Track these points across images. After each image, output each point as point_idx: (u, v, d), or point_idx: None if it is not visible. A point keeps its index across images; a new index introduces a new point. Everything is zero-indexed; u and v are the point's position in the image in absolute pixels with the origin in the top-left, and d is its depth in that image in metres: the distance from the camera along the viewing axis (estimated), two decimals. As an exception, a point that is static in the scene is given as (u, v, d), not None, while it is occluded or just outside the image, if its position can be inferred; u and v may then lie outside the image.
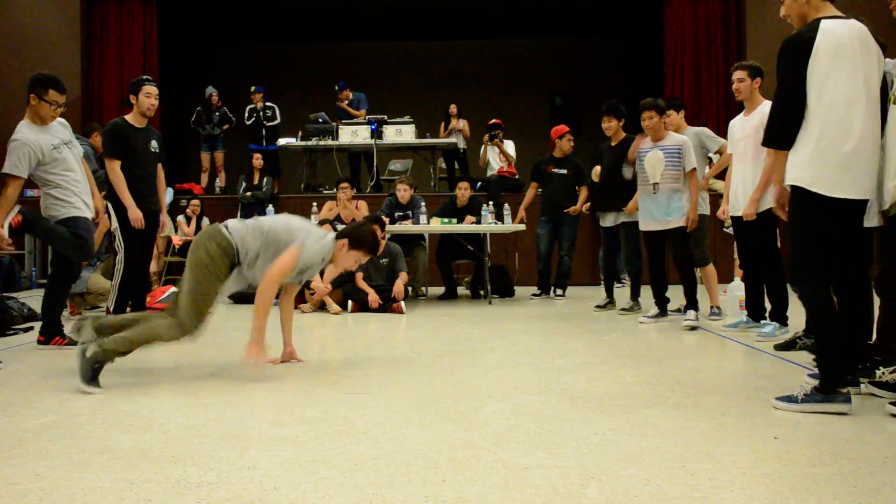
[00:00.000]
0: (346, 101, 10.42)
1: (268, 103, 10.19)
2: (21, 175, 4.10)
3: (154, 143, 4.97)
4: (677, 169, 5.18)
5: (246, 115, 10.22)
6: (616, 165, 6.09)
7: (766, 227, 4.51)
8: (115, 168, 4.74)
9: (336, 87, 10.48)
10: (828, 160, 2.69)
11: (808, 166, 2.72)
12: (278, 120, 10.22)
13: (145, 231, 4.91)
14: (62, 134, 4.35)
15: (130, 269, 4.85)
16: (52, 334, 4.32)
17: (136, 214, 4.73)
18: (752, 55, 9.38)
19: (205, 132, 10.34)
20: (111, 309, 4.85)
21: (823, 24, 2.73)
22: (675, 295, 5.55)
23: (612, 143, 6.25)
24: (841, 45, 2.69)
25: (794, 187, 2.78)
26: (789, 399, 2.73)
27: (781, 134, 2.81)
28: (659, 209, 5.21)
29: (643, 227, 5.38)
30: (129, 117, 4.92)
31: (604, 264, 6.65)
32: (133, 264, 4.86)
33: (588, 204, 7.21)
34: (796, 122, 2.76)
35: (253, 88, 10.19)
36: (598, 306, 6.35)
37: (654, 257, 5.37)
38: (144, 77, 5.06)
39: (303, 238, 3.47)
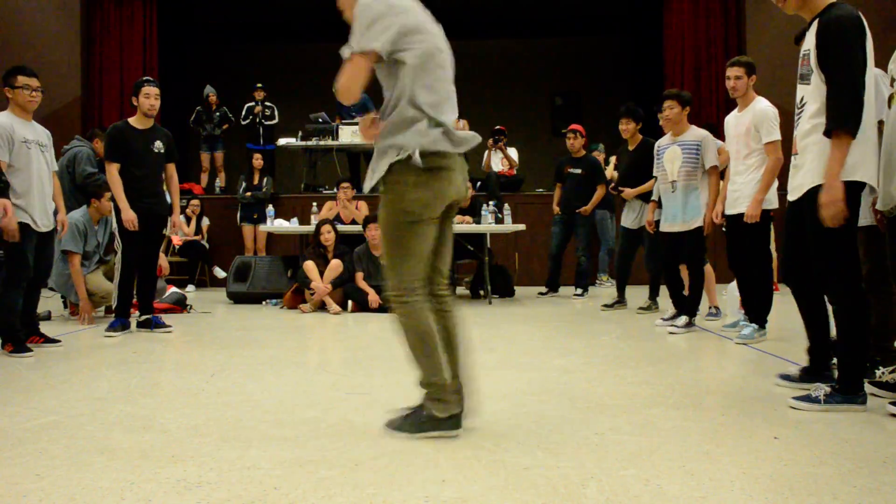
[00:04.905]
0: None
1: (267, 103, 10.20)
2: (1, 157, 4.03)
3: (159, 144, 5.01)
4: (695, 166, 4.89)
5: (243, 113, 10.21)
6: (633, 170, 6.05)
7: (762, 229, 4.39)
8: (111, 171, 4.86)
9: None
10: (870, 146, 2.63)
11: (865, 157, 2.61)
12: (276, 120, 10.23)
13: (149, 231, 4.95)
14: (41, 137, 4.32)
15: (130, 269, 4.93)
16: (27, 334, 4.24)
17: (129, 216, 4.79)
18: (752, 55, 9.35)
19: (205, 132, 10.33)
20: (115, 307, 4.97)
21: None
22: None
23: (630, 147, 6.20)
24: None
25: (850, 182, 2.60)
26: (809, 399, 2.69)
27: (860, 118, 2.55)
28: (679, 209, 4.90)
29: (664, 227, 5.03)
30: (132, 119, 5.02)
31: (619, 265, 6.47)
32: (132, 264, 4.93)
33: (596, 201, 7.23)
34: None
35: (260, 85, 10.22)
36: (605, 305, 6.30)
37: (672, 258, 5.06)
38: (145, 78, 5.17)
39: None
